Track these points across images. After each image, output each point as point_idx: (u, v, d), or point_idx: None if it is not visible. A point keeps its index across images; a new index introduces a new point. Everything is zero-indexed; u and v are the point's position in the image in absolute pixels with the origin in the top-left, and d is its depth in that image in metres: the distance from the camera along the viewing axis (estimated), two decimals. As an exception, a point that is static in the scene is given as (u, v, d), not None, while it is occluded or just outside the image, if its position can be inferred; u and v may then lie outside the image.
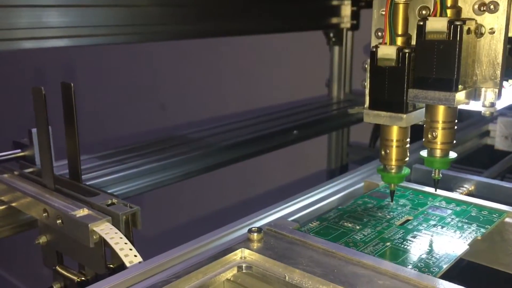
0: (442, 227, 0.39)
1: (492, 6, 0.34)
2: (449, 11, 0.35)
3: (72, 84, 0.46)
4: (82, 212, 0.41)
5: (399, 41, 0.37)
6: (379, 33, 0.39)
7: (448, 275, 0.34)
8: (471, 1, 0.35)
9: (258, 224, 0.40)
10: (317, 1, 0.92)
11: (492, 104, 0.37)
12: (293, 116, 0.87)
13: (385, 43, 0.37)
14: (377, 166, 0.55)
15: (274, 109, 0.91)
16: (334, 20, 0.96)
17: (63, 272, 0.45)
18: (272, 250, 0.35)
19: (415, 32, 0.35)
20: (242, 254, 0.35)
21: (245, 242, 0.36)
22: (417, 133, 0.42)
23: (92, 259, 0.41)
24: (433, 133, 0.38)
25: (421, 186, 0.47)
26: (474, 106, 0.37)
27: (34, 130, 0.51)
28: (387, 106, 0.37)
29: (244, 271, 0.34)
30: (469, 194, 0.49)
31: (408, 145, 0.40)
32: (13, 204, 0.48)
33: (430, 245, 0.36)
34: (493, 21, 0.35)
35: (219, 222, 0.42)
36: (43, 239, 0.46)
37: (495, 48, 0.35)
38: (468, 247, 0.36)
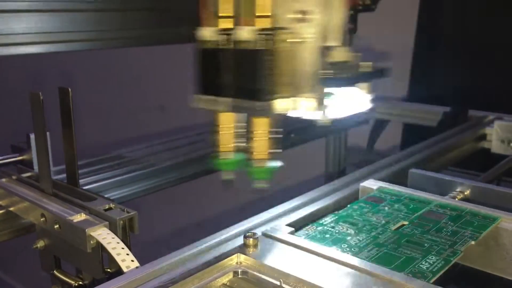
0: (437, 232, 0.39)
1: (306, 15, 0.34)
2: (261, 20, 0.35)
3: (69, 89, 0.46)
4: (80, 217, 0.41)
5: (223, 23, 0.36)
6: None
7: (443, 280, 0.34)
8: (285, 9, 0.35)
9: (254, 229, 0.40)
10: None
11: (323, 113, 0.37)
12: (290, 119, 0.87)
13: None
14: (370, 170, 0.56)
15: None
16: (332, 24, 0.96)
17: (60, 276, 0.46)
18: (268, 255, 0.35)
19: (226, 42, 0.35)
20: (238, 259, 0.35)
21: (241, 247, 0.36)
22: (416, 136, 0.43)
23: (90, 263, 0.41)
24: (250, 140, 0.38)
25: (417, 191, 0.47)
26: (314, 115, 0.38)
27: (32, 135, 0.51)
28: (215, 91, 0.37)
29: (240, 276, 0.34)
30: (465, 198, 0.49)
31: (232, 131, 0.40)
32: (11, 209, 0.48)
33: (425, 250, 0.36)
34: (308, 30, 0.34)
35: (215, 227, 0.42)
36: (40, 244, 0.46)
37: (310, 57, 0.35)
38: (462, 252, 0.36)
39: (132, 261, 0.37)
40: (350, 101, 0.42)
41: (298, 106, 0.36)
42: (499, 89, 0.98)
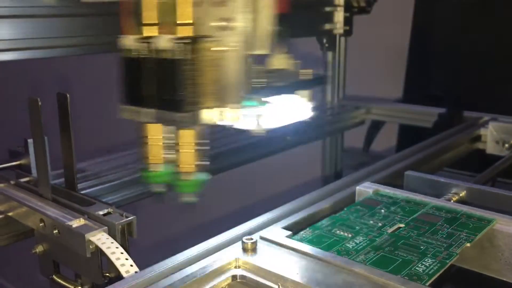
0: (433, 234, 0.40)
1: (230, 24, 0.33)
2: (183, 28, 0.34)
3: (68, 95, 0.46)
4: (79, 222, 0.42)
5: (147, 31, 0.35)
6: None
7: (439, 282, 0.35)
8: (208, 17, 0.34)
9: (251, 233, 0.41)
10: (310, 8, 0.93)
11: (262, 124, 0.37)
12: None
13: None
14: (366, 172, 0.56)
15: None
16: (327, 26, 0.97)
17: (59, 281, 0.46)
18: (266, 258, 0.36)
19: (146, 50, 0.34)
20: (236, 263, 0.36)
21: (239, 251, 0.37)
22: (411, 137, 0.43)
23: (89, 268, 0.42)
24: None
25: (413, 193, 0.47)
26: (247, 125, 0.37)
27: (30, 140, 0.52)
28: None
29: (238, 280, 0.34)
30: (460, 200, 0.50)
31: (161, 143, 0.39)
32: (10, 214, 0.48)
33: (421, 253, 0.37)
34: (231, 38, 0.33)
35: (213, 231, 0.43)
36: (39, 249, 0.46)
37: (234, 66, 0.34)
38: (458, 254, 0.37)
39: (132, 266, 0.38)
40: (289, 110, 0.41)
41: (224, 117, 0.36)
42: (494, 90, 0.99)
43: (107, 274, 0.41)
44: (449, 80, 1.05)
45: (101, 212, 0.43)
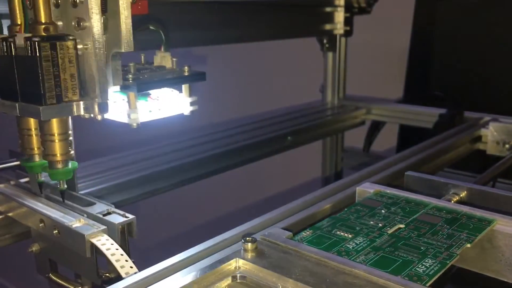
0: (433, 235, 0.40)
1: (83, 23, 0.37)
2: (41, 27, 0.37)
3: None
4: (79, 222, 0.42)
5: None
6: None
7: (439, 282, 0.35)
8: (70, 18, 0.37)
9: (252, 233, 0.41)
10: (310, 9, 0.93)
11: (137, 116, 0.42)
12: (287, 122, 0.88)
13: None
14: (366, 172, 0.56)
15: (269, 115, 0.92)
16: (328, 27, 0.97)
17: (58, 280, 0.46)
18: (266, 259, 0.35)
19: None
20: (236, 264, 0.35)
21: (239, 251, 0.36)
22: (412, 137, 0.43)
23: (88, 269, 0.42)
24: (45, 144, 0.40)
25: (413, 194, 0.47)
26: (121, 118, 0.42)
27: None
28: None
29: (238, 281, 0.34)
30: (461, 200, 0.50)
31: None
32: (10, 214, 0.48)
33: (421, 254, 0.37)
34: (86, 38, 0.37)
35: (213, 232, 0.43)
36: (35, 247, 0.46)
37: (91, 63, 0.37)
38: (458, 255, 0.37)
39: (131, 267, 0.38)
40: (167, 104, 0.45)
41: (84, 110, 0.39)
42: (495, 90, 0.99)
43: (107, 275, 0.41)
44: (450, 80, 1.05)
45: (101, 212, 0.43)
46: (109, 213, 0.43)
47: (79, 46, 0.37)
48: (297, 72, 1.23)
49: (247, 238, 0.37)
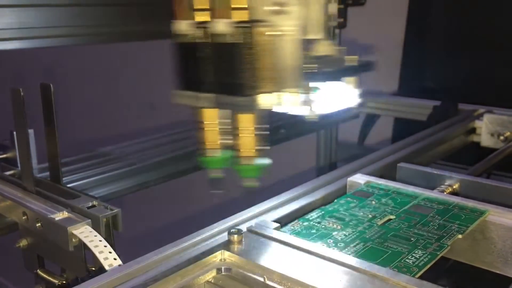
0: (424, 226, 0.39)
1: (284, 7, 0.33)
2: (238, 12, 0.34)
3: (51, 85, 0.45)
4: (62, 215, 0.41)
5: (199, 16, 0.35)
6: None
7: (430, 274, 0.34)
8: (264, 1, 0.34)
9: (239, 225, 0.40)
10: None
11: (311, 109, 0.36)
12: (280, 114, 0.87)
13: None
14: (359, 164, 0.55)
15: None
16: (321, 18, 0.96)
17: (44, 275, 0.45)
18: (252, 251, 0.35)
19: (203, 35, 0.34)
20: (222, 256, 0.35)
21: (225, 244, 0.36)
22: (406, 129, 0.42)
23: (73, 262, 0.41)
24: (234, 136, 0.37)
25: (405, 185, 0.46)
26: (301, 110, 0.37)
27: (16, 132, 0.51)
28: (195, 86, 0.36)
29: (223, 273, 0.34)
30: (453, 192, 0.49)
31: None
32: (-6, 207, 0.47)
33: (411, 245, 0.36)
34: (287, 22, 0.33)
35: (202, 223, 0.42)
36: (23, 243, 0.45)
37: (291, 50, 0.34)
38: (449, 246, 0.36)
39: (115, 259, 0.37)
40: (337, 96, 0.41)
41: (283, 101, 0.36)
42: (489, 82, 0.98)
43: (92, 268, 0.40)
44: (444, 72, 1.05)
45: (85, 205, 0.42)
46: (94, 206, 0.42)
47: (277, 33, 0.34)
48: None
49: (233, 230, 0.36)
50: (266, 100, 0.35)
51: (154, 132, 0.72)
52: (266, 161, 0.38)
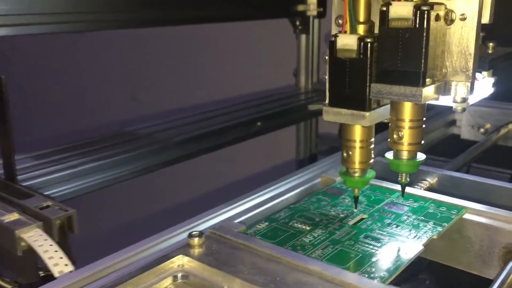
0: (397, 226, 0.37)
1: None
2: None
3: (3, 77, 0.42)
4: (12, 216, 0.38)
5: (361, 29, 0.33)
6: (340, 21, 0.35)
7: (406, 275, 0.32)
8: None
9: (201, 228, 0.37)
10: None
11: (464, 99, 0.32)
12: (259, 107, 0.84)
13: (345, 32, 0.33)
14: (336, 159, 0.53)
15: (240, 100, 0.88)
16: (300, 8, 0.93)
17: (-2, 282, 0.42)
18: (213, 256, 0.32)
19: (379, 19, 0.31)
20: (180, 262, 0.32)
21: (184, 248, 0.33)
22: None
23: (23, 267, 0.38)
24: (399, 132, 0.34)
25: (380, 181, 0.44)
26: (444, 101, 0.33)
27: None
28: (348, 103, 0.33)
29: (179, 280, 0.31)
30: (431, 188, 0.47)
31: (372, 146, 0.36)
32: None
33: (382, 247, 0.34)
34: (465, 6, 0.31)
35: (166, 224, 0.39)
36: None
37: (467, 37, 0.31)
38: (423, 247, 0.34)
39: (66, 265, 0.34)
40: (480, 86, 0.37)
41: (449, 92, 0.32)
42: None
43: (43, 274, 0.37)
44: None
45: (38, 206, 0.39)
46: (47, 207, 0.39)
47: (452, 17, 0.31)
48: (270, 55, 1.19)
49: (193, 233, 0.33)
50: (432, 91, 0.31)
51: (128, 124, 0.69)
52: (422, 156, 0.36)
